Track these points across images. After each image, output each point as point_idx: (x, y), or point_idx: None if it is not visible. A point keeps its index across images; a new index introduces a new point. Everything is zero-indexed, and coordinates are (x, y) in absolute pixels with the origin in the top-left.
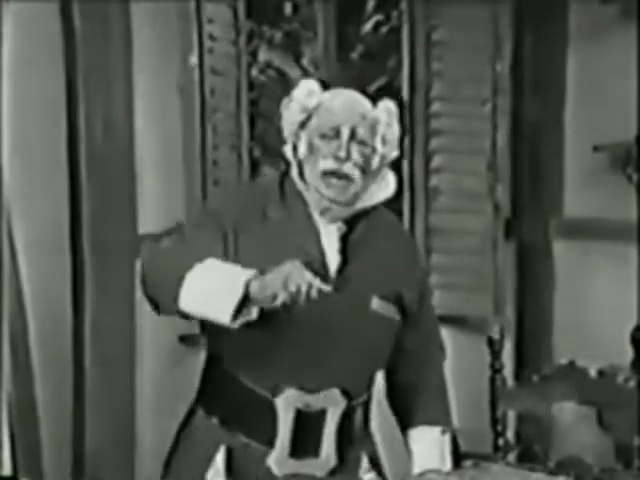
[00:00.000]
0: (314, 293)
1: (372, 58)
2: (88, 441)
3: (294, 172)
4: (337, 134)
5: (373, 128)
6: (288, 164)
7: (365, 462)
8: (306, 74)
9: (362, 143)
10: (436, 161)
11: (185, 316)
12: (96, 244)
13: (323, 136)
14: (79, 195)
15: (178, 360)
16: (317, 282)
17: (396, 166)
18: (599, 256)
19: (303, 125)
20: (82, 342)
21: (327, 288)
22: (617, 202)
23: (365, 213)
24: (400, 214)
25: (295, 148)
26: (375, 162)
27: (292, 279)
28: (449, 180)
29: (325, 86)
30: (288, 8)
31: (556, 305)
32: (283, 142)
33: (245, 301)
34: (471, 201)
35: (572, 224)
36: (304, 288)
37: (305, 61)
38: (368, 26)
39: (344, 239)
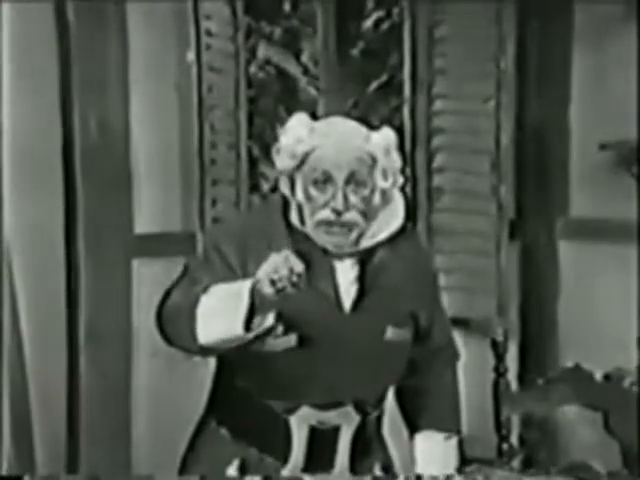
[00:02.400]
0: (294, 278)
1: (373, 55)
2: (83, 440)
3: (294, 217)
4: (329, 180)
5: (371, 167)
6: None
7: (377, 468)
8: (306, 71)
9: (360, 185)
10: (439, 160)
11: (210, 352)
12: (92, 245)
13: (316, 182)
14: (74, 195)
15: (174, 361)
16: (297, 266)
17: None
18: (605, 257)
19: (297, 168)
20: (77, 343)
21: (299, 266)
22: (624, 202)
23: (380, 243)
24: None
25: (293, 186)
26: (376, 199)
27: (276, 269)
28: (452, 179)
29: (315, 117)
30: (287, 4)
31: (561, 307)
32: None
33: (254, 309)
34: (474, 201)
35: (578, 224)
36: (285, 273)
37: (305, 58)
38: (369, 22)
39: (361, 269)
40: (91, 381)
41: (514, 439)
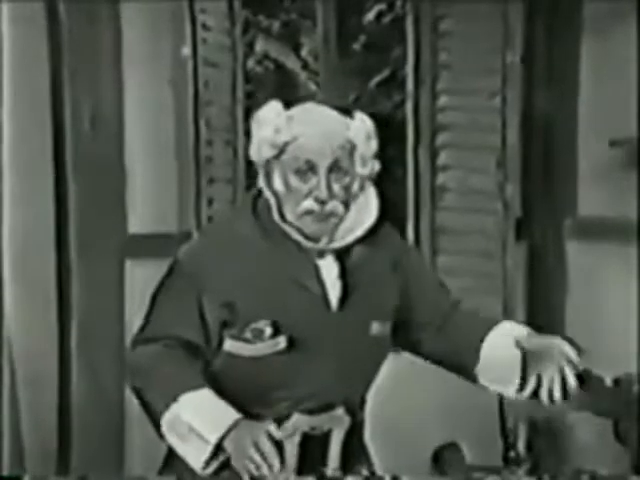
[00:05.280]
0: (274, 470)
1: (375, 49)
2: (75, 440)
3: (274, 214)
4: (312, 169)
5: (351, 154)
6: (259, 190)
7: (364, 471)
8: (305, 65)
9: (342, 172)
10: (443, 158)
11: None
12: (84, 244)
13: (297, 171)
14: (66, 193)
15: None
16: (276, 462)
17: (401, 163)
18: (614, 258)
19: (275, 158)
20: (69, 344)
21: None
22: (634, 200)
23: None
24: (405, 214)
25: (269, 177)
26: (356, 186)
27: (252, 454)
28: (456, 178)
29: (288, 105)
30: None
31: (569, 309)
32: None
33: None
34: (480, 200)
35: (586, 224)
36: (259, 462)
37: (304, 52)
38: (370, 15)
39: (341, 266)
40: (84, 383)
41: (521, 446)
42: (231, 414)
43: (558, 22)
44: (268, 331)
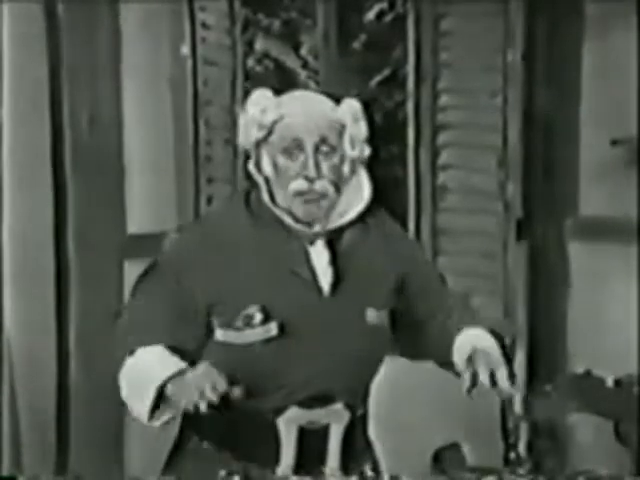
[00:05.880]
0: (211, 396)
1: (376, 48)
2: (73, 440)
3: (264, 195)
4: (300, 147)
5: (340, 132)
6: (252, 183)
7: (367, 469)
8: (305, 64)
9: (330, 151)
10: (444, 157)
11: None
12: (82, 244)
13: (285, 151)
14: (64, 193)
15: None
16: (220, 384)
17: (401, 162)
18: (616, 258)
19: (264, 140)
20: (67, 346)
21: (237, 392)
22: (635, 200)
23: (349, 224)
24: (405, 213)
25: (258, 163)
26: (346, 169)
27: (199, 387)
28: (457, 177)
29: (277, 92)
30: None
31: (571, 310)
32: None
33: (160, 404)
34: (480, 200)
35: (588, 224)
36: (204, 397)
37: (304, 51)
38: (371, 14)
39: (333, 253)
40: (82, 384)
41: (522, 447)
42: (177, 363)
43: (559, 21)
44: (258, 317)
